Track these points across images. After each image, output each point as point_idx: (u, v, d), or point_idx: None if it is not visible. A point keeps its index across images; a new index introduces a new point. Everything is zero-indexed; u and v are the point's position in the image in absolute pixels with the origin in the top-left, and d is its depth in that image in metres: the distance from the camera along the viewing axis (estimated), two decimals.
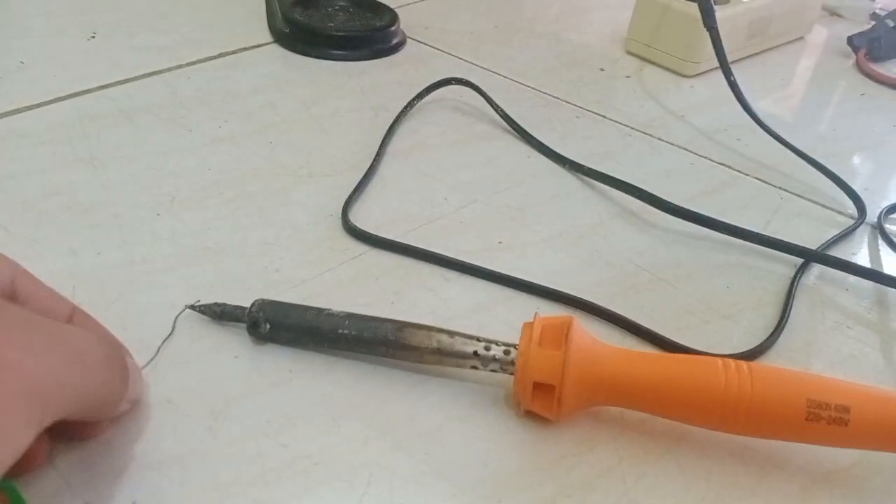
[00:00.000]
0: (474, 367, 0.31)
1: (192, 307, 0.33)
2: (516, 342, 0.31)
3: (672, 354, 0.32)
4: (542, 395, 0.29)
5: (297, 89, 0.54)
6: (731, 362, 0.29)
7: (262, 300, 0.33)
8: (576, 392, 0.29)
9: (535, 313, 0.31)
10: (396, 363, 0.32)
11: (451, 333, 0.31)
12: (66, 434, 0.27)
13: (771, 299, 0.39)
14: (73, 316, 0.28)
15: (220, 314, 0.33)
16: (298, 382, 0.31)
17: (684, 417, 0.30)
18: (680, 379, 0.29)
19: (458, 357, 0.31)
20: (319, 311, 0.32)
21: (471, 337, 0.31)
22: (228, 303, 0.33)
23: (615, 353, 0.30)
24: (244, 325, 0.32)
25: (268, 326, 0.32)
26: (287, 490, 0.27)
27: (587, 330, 0.31)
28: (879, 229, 0.46)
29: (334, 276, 0.37)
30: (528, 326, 0.31)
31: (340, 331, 0.31)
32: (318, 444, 0.29)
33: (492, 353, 0.30)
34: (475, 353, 0.30)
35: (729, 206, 0.46)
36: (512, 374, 0.30)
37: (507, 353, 0.30)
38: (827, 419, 0.28)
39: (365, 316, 0.32)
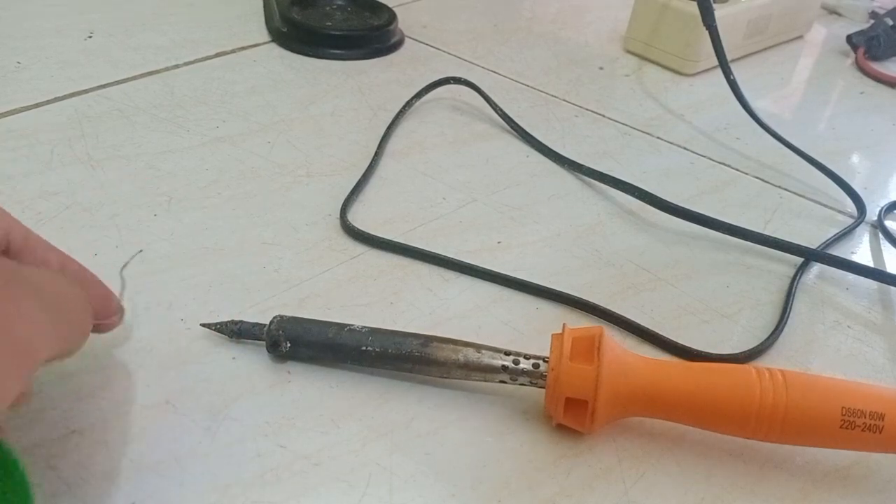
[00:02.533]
0: (503, 382, 0.30)
1: (208, 325, 0.32)
2: (542, 354, 0.30)
3: (703, 364, 0.32)
4: (574, 409, 0.29)
5: (295, 89, 0.53)
6: (765, 370, 0.29)
7: (281, 317, 0.32)
8: (609, 406, 0.29)
9: (564, 324, 0.31)
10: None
11: (478, 347, 0.30)
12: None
13: (771, 298, 0.39)
14: (66, 263, 0.28)
15: (237, 332, 0.32)
16: (297, 383, 0.31)
17: (718, 427, 0.29)
18: (714, 389, 0.28)
19: (486, 371, 0.30)
20: (341, 326, 0.31)
21: (498, 350, 0.30)
22: (245, 320, 0.32)
23: (647, 364, 0.30)
24: (262, 343, 0.32)
25: (288, 345, 0.31)
26: (286, 491, 0.27)
27: (615, 339, 0.30)
28: (880, 226, 0.46)
29: (333, 276, 0.37)
30: (558, 338, 0.30)
31: (364, 348, 0.31)
32: (317, 445, 0.29)
33: (521, 366, 0.30)
34: (504, 367, 0.30)
35: (728, 206, 0.46)
36: (542, 387, 0.30)
37: (536, 366, 0.30)
38: (861, 426, 0.28)
39: (388, 331, 0.31)
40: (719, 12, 0.58)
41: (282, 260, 0.38)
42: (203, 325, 0.32)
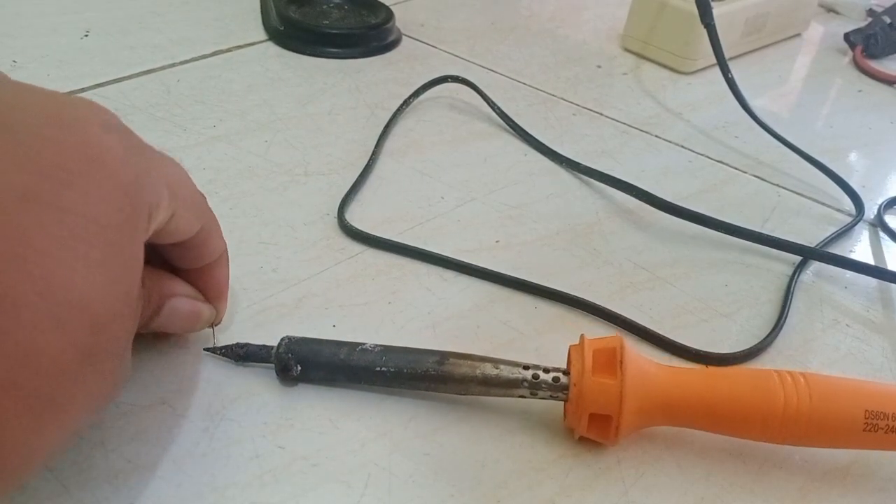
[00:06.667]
0: (522, 397, 0.30)
1: (211, 350, 0.31)
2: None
3: (724, 369, 0.31)
4: (598, 423, 0.29)
5: (292, 87, 0.53)
6: (787, 374, 0.29)
7: (290, 338, 0.31)
8: (633, 418, 0.28)
9: (582, 335, 0.30)
10: None
11: (496, 363, 0.30)
12: None
13: (769, 297, 0.39)
14: (217, 260, 0.30)
15: (243, 356, 0.31)
16: (295, 385, 0.31)
17: (742, 433, 0.29)
18: (737, 396, 0.28)
19: (506, 387, 0.29)
20: (353, 346, 0.30)
21: (516, 364, 0.30)
22: (252, 342, 0.31)
23: (669, 373, 0.29)
24: (271, 366, 0.31)
25: (299, 368, 0.30)
26: (285, 492, 0.27)
27: (636, 350, 0.30)
28: (880, 222, 0.46)
29: (331, 275, 0.37)
30: (577, 351, 0.30)
31: (378, 368, 0.30)
32: (316, 446, 0.29)
33: (541, 380, 0.29)
34: (523, 382, 0.29)
35: (727, 204, 0.46)
36: (562, 400, 0.29)
37: (556, 380, 0.29)
38: (885, 428, 0.28)
39: (402, 349, 0.30)
40: (717, 10, 0.58)
41: (279, 259, 0.37)
42: (206, 349, 0.31)
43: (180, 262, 0.29)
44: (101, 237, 0.21)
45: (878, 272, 0.41)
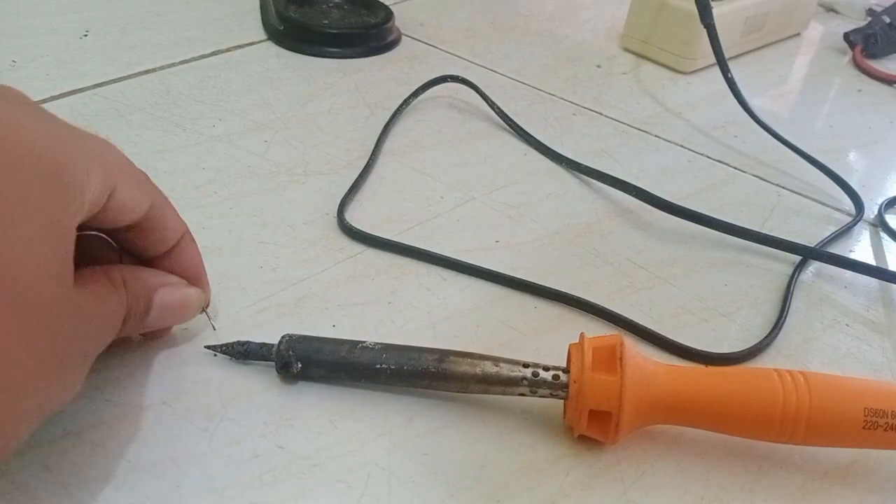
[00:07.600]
0: (522, 395, 0.30)
1: (212, 347, 0.31)
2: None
3: (724, 368, 0.31)
4: (597, 420, 0.29)
5: (291, 87, 0.53)
6: (786, 373, 0.29)
7: (290, 336, 0.31)
8: (633, 416, 0.28)
9: (581, 333, 0.30)
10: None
11: (496, 361, 0.30)
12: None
13: (769, 297, 0.39)
14: (181, 240, 0.30)
15: (244, 354, 0.31)
16: (294, 383, 0.31)
17: (742, 433, 0.29)
18: (737, 395, 0.28)
19: (506, 385, 0.29)
20: (353, 344, 0.30)
21: (516, 363, 0.30)
22: (252, 340, 0.31)
23: (669, 371, 0.29)
24: (271, 363, 0.31)
25: (299, 366, 0.30)
26: (284, 492, 0.27)
27: (636, 347, 0.30)
28: (881, 222, 0.46)
29: (330, 275, 0.37)
30: (577, 349, 0.30)
31: (378, 365, 0.30)
32: (316, 446, 0.29)
33: (541, 378, 0.29)
34: (523, 380, 0.29)
35: (726, 204, 0.46)
36: (562, 398, 0.29)
37: (556, 378, 0.29)
38: (884, 426, 0.28)
39: (402, 346, 0.30)
40: (717, 10, 0.58)
41: (279, 259, 0.37)
42: (207, 347, 0.31)
43: (146, 249, 0.29)
44: (20, 211, 0.21)
45: (878, 272, 0.41)
